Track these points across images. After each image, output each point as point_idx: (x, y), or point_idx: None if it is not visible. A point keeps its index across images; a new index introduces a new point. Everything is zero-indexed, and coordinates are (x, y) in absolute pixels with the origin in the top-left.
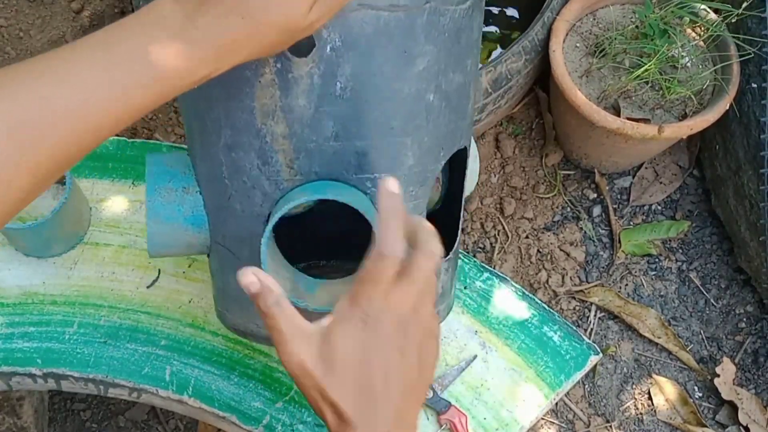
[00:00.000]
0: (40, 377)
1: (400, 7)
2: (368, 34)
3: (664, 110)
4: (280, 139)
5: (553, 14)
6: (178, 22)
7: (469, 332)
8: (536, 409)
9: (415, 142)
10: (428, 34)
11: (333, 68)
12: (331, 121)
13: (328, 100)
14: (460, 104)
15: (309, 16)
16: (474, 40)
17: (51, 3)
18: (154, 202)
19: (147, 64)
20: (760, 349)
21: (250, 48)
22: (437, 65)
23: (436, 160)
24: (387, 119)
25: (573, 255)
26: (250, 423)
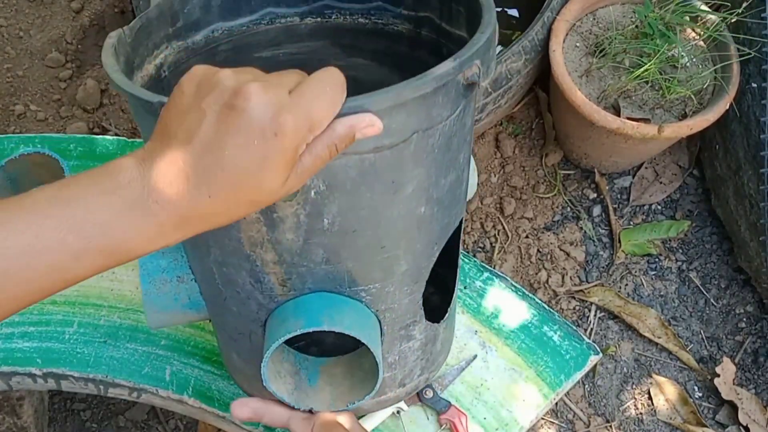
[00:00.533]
0: (40, 377)
1: (385, 147)
2: (353, 177)
3: (664, 110)
4: (270, 264)
5: (553, 14)
6: (136, 192)
7: (469, 332)
8: (536, 409)
9: (408, 252)
10: (417, 159)
11: (319, 208)
12: (320, 250)
13: (316, 234)
14: (453, 197)
15: (284, 188)
16: (467, 131)
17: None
18: (149, 294)
19: (94, 235)
20: (760, 348)
21: (216, 221)
22: (428, 180)
23: (430, 256)
24: (377, 242)
25: (573, 255)
26: (249, 423)
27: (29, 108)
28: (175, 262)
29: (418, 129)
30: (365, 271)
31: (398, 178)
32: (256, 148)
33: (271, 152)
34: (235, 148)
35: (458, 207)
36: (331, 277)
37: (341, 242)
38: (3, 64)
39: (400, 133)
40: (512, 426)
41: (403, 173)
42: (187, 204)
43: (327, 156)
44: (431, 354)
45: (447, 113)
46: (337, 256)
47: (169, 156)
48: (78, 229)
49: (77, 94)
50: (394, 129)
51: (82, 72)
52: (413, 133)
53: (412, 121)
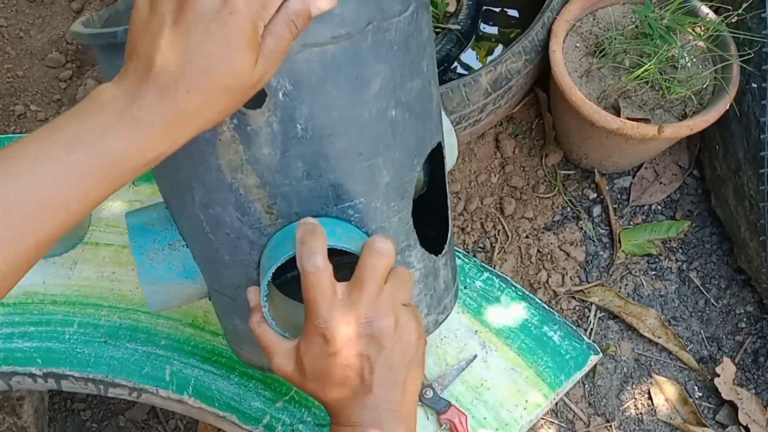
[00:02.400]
0: (40, 377)
1: (343, 37)
2: (317, 72)
3: (664, 110)
4: (253, 189)
5: (553, 14)
6: (120, 105)
7: (469, 332)
8: (536, 409)
9: (387, 160)
10: (377, 53)
11: (290, 112)
12: (299, 162)
13: (292, 144)
14: (424, 108)
15: (255, 73)
16: (424, 39)
17: (51, 3)
18: (143, 265)
19: (94, 151)
20: (760, 348)
21: (202, 118)
22: (393, 80)
23: (411, 169)
24: (354, 147)
25: (573, 255)
26: (250, 423)
27: (29, 108)
28: (165, 231)
29: (372, 20)
30: (348, 183)
31: (362, 74)
32: (216, 32)
33: (231, 34)
34: (197, 39)
35: (432, 123)
36: (316, 195)
37: (318, 150)
38: (3, 64)
39: (355, 23)
40: (512, 426)
41: (366, 68)
42: (170, 103)
43: (288, 35)
44: (434, 291)
45: (399, 8)
46: (317, 168)
47: (141, 66)
48: (78, 147)
49: (77, 94)
50: (348, 17)
51: (82, 72)
52: (368, 24)
53: (365, 10)
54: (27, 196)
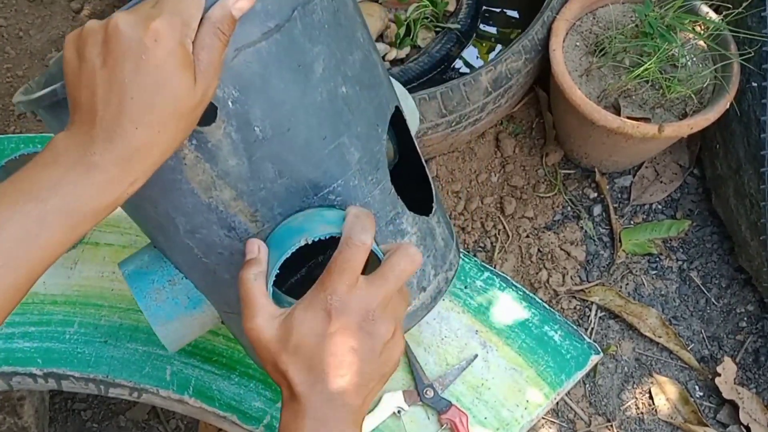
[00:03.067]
0: (41, 377)
1: (272, 30)
2: (258, 71)
3: (665, 109)
4: (231, 203)
5: (553, 13)
6: (74, 154)
7: (469, 332)
8: (537, 409)
9: (353, 137)
10: (311, 36)
11: (244, 118)
12: (268, 164)
13: (255, 148)
14: (371, 77)
15: (197, 91)
16: (352, 9)
17: (51, 3)
18: (149, 308)
19: (49, 200)
20: (760, 348)
21: (158, 150)
22: (334, 58)
23: (378, 140)
24: (316, 133)
25: (573, 254)
26: (250, 423)
27: None
28: (161, 269)
29: (295, 6)
30: (321, 170)
31: (302, 60)
32: (147, 63)
33: (161, 59)
34: (131, 73)
35: (383, 88)
36: (293, 191)
37: (282, 147)
38: (3, 64)
39: (280, 13)
40: (513, 426)
41: (304, 54)
42: (121, 144)
43: (218, 43)
44: (436, 250)
45: None
46: (287, 164)
47: (86, 114)
48: (31, 197)
49: None
50: (271, 10)
51: None
52: (293, 11)
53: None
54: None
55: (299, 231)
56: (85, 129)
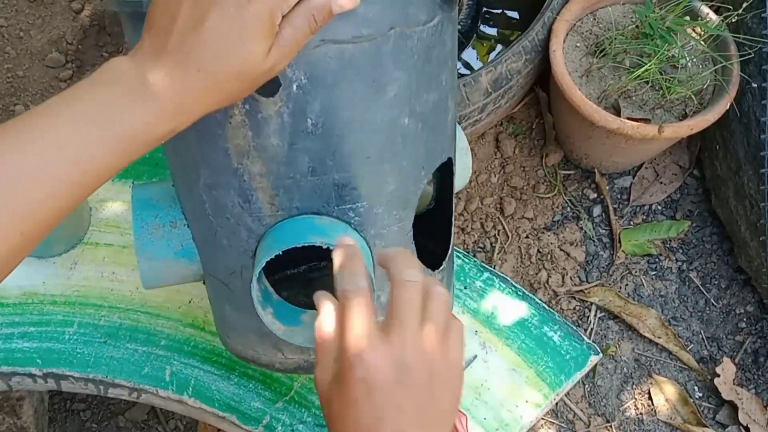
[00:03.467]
0: (40, 377)
1: (364, 38)
2: (333, 69)
3: (665, 110)
4: (257, 177)
5: (554, 14)
6: (133, 78)
7: (469, 332)
8: (536, 409)
9: (394, 168)
10: (396, 59)
11: (302, 106)
12: (306, 157)
13: (300, 137)
14: (438, 121)
15: (267, 61)
16: (447, 52)
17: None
18: (142, 239)
19: (106, 123)
20: (760, 348)
21: (211, 99)
22: (409, 89)
23: (417, 180)
24: (362, 150)
25: (573, 255)
26: (250, 423)
27: (29, 108)
28: (168, 208)
29: (395, 25)
30: (352, 184)
31: (379, 77)
32: (233, 17)
33: (248, 19)
34: (214, 20)
35: (445, 137)
36: (318, 192)
37: (326, 147)
38: (3, 64)
39: (378, 25)
40: (512, 426)
41: (384, 72)
42: (180, 81)
43: (306, 28)
44: None
45: (423, 18)
46: (323, 165)
47: (157, 41)
48: (90, 120)
49: None
50: (371, 18)
51: (82, 72)
52: (391, 28)
53: (389, 13)
54: (37, 168)
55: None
56: (151, 55)
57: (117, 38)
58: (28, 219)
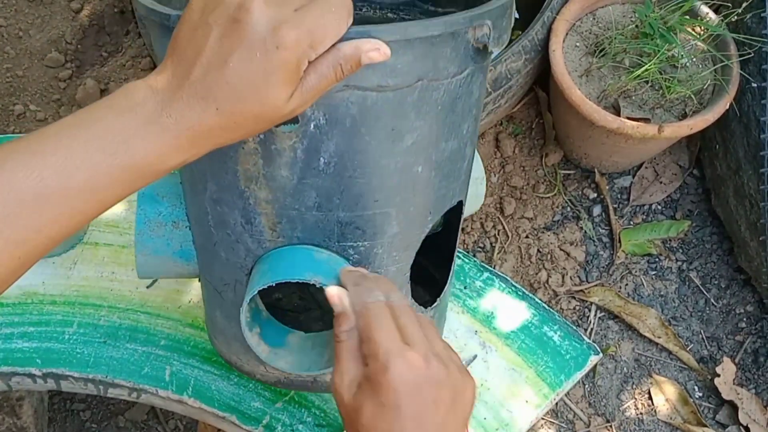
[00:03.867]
0: (40, 377)
1: (389, 87)
2: (354, 114)
3: (664, 110)
4: (263, 203)
5: (553, 14)
6: (151, 109)
7: (469, 332)
8: (536, 409)
9: (401, 212)
10: (419, 110)
11: (316, 144)
12: (314, 192)
13: (311, 173)
14: (452, 169)
15: (288, 106)
16: (474, 101)
17: (50, 2)
18: (142, 234)
19: (119, 152)
20: (760, 348)
21: (226, 137)
22: (428, 138)
23: (422, 225)
24: (371, 193)
25: (573, 255)
26: (250, 423)
27: (29, 108)
28: (172, 207)
29: (423, 77)
30: (356, 224)
31: (398, 126)
32: (259, 61)
33: (273, 65)
34: (239, 62)
35: (458, 182)
36: (321, 227)
37: (335, 186)
38: (2, 64)
39: (405, 76)
40: (512, 426)
41: (404, 122)
42: (197, 117)
43: (332, 77)
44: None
45: (454, 70)
46: (329, 202)
47: (179, 72)
48: (102, 147)
49: (77, 94)
50: (399, 69)
51: (81, 72)
52: (418, 80)
53: (418, 66)
54: (41, 194)
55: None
56: (172, 86)
57: (116, 38)
58: (25, 244)
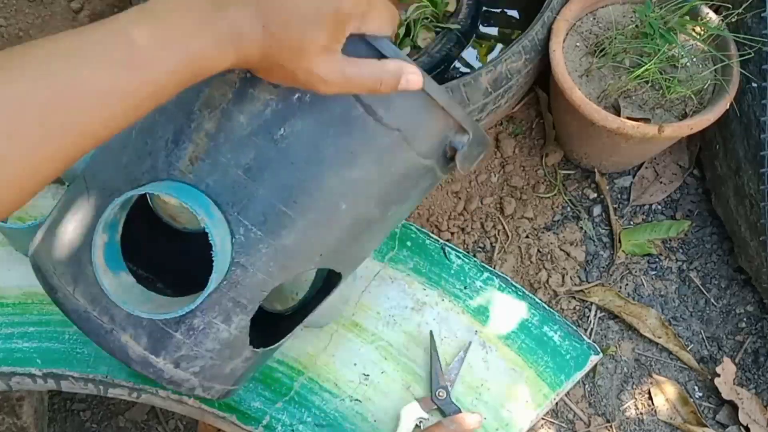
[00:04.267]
0: (40, 377)
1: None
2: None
3: (665, 110)
4: (202, 133)
5: (553, 14)
6: (207, 7)
7: (469, 332)
8: (536, 409)
9: (305, 229)
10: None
11: (288, 114)
12: (252, 153)
13: (263, 136)
14: (361, 236)
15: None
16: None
17: (50, 3)
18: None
19: (178, 47)
20: (760, 348)
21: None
22: (369, 187)
23: (308, 259)
24: (297, 192)
25: (573, 255)
26: (249, 423)
27: None
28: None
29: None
30: (264, 209)
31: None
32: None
33: (327, 8)
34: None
35: (354, 253)
36: (234, 189)
37: (274, 162)
38: None
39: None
40: (512, 426)
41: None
42: (248, 25)
43: (369, 84)
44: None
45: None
46: (259, 173)
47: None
48: (164, 44)
49: None
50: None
51: None
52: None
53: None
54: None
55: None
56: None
57: None
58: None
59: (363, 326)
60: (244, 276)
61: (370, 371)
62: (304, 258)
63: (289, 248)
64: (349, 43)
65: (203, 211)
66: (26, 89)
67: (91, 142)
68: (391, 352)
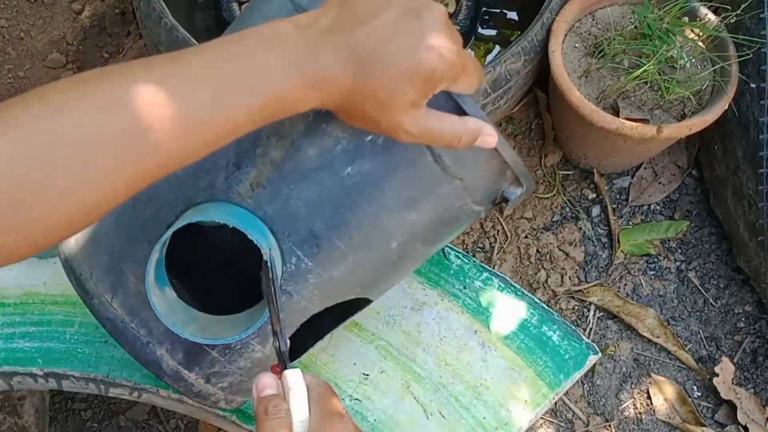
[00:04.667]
0: (41, 377)
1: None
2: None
3: (663, 110)
4: (267, 160)
5: (552, 15)
6: (300, 52)
7: (468, 332)
8: (535, 409)
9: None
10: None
11: (357, 155)
12: (316, 188)
13: (330, 172)
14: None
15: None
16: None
17: (52, 4)
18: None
19: (265, 90)
20: (758, 348)
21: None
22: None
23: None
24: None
25: (572, 255)
26: (250, 423)
27: None
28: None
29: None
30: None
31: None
32: (414, 56)
33: (424, 67)
34: (399, 47)
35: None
36: (291, 220)
37: (337, 198)
38: (4, 65)
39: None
40: (511, 425)
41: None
42: (340, 71)
43: (448, 139)
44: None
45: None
46: (320, 207)
47: (341, 26)
48: (251, 83)
49: None
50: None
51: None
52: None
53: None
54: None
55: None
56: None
57: (117, 39)
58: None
59: (363, 326)
60: (288, 303)
61: (369, 371)
62: (346, 289)
63: (335, 280)
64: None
65: (265, 243)
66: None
67: (161, 173)
68: (390, 351)
